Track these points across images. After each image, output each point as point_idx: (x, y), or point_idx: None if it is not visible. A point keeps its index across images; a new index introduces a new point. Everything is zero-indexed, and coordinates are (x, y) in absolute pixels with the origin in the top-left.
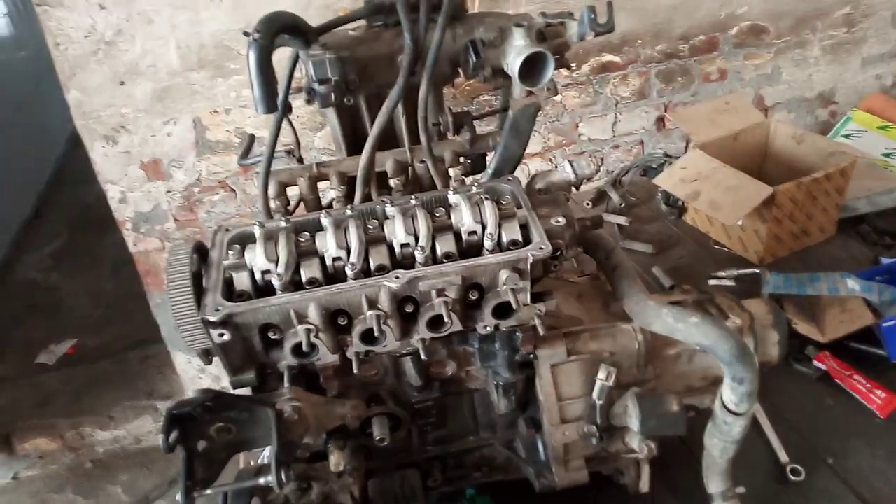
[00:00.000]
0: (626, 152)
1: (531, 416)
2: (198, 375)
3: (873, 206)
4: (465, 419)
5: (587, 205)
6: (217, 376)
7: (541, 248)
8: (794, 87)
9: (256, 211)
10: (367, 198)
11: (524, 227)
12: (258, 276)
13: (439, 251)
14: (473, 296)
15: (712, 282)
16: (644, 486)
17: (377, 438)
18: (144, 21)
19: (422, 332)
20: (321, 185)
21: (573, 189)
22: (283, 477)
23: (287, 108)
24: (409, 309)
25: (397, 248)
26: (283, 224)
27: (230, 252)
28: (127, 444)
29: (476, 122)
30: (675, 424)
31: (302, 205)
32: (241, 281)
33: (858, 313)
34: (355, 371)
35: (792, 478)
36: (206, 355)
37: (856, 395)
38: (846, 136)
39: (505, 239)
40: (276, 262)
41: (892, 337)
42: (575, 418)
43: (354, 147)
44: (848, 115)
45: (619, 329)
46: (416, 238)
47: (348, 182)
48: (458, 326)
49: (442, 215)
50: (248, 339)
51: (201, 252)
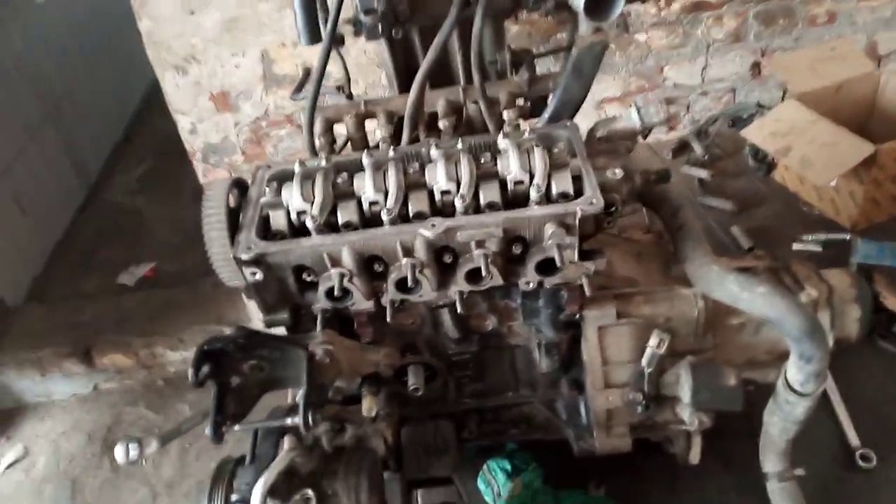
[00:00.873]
0: (714, 100)
1: (574, 378)
2: None
3: None
4: (504, 374)
5: (667, 156)
6: None
7: (591, 203)
8: None
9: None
10: (415, 140)
11: (577, 179)
12: (294, 216)
13: (482, 200)
14: (517, 249)
15: (797, 246)
16: (695, 458)
17: (412, 387)
18: None
19: (460, 284)
20: (370, 124)
21: (644, 138)
22: (311, 419)
23: (338, 41)
24: (447, 259)
25: (437, 195)
26: (324, 163)
27: (267, 189)
28: None
29: (542, 63)
30: (731, 399)
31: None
32: (278, 220)
33: None
34: (388, 319)
35: (861, 463)
36: (248, 291)
37: None
38: None
39: (555, 190)
40: (312, 203)
41: None
42: (621, 384)
43: (406, 85)
44: None
45: (677, 293)
46: (458, 185)
47: (396, 122)
48: (498, 280)
49: (488, 161)
50: (283, 280)
51: (241, 188)
